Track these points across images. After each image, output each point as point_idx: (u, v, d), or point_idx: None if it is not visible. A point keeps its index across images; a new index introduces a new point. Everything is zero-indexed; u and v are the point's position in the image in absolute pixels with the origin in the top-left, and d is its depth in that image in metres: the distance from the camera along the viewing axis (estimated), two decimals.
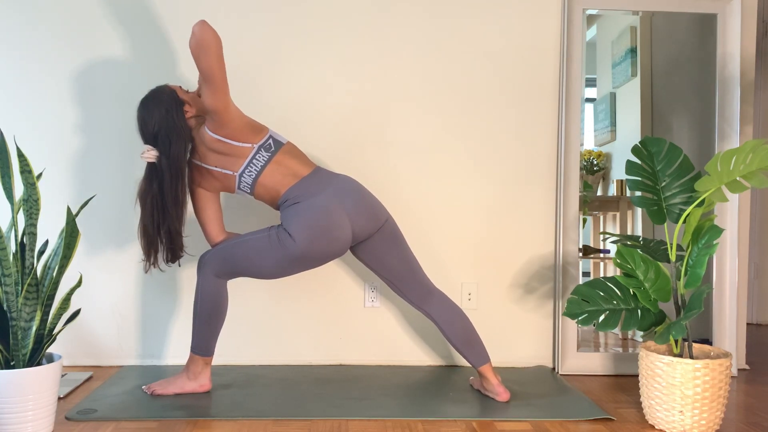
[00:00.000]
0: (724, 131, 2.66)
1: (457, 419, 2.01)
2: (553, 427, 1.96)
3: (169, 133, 2.08)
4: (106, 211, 2.58)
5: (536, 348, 2.71)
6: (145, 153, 2.09)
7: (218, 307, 2.19)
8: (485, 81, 2.67)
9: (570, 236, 2.64)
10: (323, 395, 2.23)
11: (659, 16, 2.82)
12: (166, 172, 2.08)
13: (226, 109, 2.06)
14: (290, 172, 2.15)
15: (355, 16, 2.62)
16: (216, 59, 1.98)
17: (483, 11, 2.65)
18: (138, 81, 2.54)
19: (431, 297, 2.27)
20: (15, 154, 2.49)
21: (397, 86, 2.65)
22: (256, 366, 2.61)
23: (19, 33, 2.54)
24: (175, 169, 2.09)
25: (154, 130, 2.09)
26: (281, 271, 2.16)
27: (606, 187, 2.90)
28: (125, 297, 2.61)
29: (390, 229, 2.24)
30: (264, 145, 2.14)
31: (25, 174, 1.85)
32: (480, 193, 2.68)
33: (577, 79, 2.64)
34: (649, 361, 1.98)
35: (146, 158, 2.09)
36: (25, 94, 2.56)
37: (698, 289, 1.96)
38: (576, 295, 2.14)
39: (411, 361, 2.69)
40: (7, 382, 1.72)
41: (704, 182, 1.96)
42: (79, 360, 2.60)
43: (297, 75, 2.61)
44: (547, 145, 2.69)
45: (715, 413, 1.91)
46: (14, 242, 1.84)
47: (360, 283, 2.68)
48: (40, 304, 1.83)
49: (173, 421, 1.95)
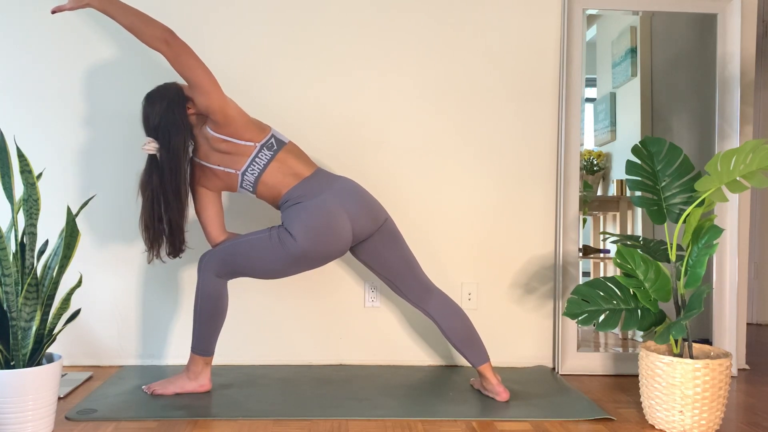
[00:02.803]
0: (724, 131, 2.66)
1: (457, 419, 2.01)
2: (553, 427, 1.96)
3: (169, 126, 2.10)
4: (106, 211, 2.59)
5: (536, 348, 2.71)
6: (146, 145, 2.11)
7: (218, 307, 2.19)
8: (485, 81, 2.67)
9: (570, 236, 2.64)
10: (323, 395, 2.23)
11: (659, 16, 2.82)
12: (165, 164, 2.10)
13: (223, 107, 2.08)
14: (292, 172, 2.16)
15: (355, 17, 2.62)
16: (197, 62, 2.04)
17: (483, 11, 2.65)
18: (138, 80, 2.54)
19: (431, 296, 2.27)
20: (15, 154, 2.49)
21: (396, 86, 2.65)
22: (256, 366, 2.61)
23: (19, 33, 2.54)
24: (175, 162, 2.10)
25: (155, 122, 2.11)
26: (282, 271, 2.16)
27: (606, 187, 2.90)
28: (125, 297, 2.61)
29: (389, 228, 2.25)
30: (266, 143, 2.15)
31: (25, 174, 1.85)
32: (480, 193, 2.68)
33: (577, 79, 2.64)
34: (649, 361, 1.98)
35: (147, 150, 2.10)
36: (25, 94, 2.56)
37: (698, 289, 1.96)
38: (576, 295, 2.14)
39: (411, 361, 2.69)
40: (7, 382, 1.72)
41: (704, 182, 1.96)
42: (79, 360, 2.60)
43: (296, 75, 2.61)
44: (547, 145, 2.69)
45: (715, 413, 1.91)
46: (14, 242, 1.84)
47: (360, 283, 2.68)
48: (40, 304, 1.83)
49: (173, 421, 1.95)
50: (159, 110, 2.11)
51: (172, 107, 2.11)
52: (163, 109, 2.10)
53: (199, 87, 2.05)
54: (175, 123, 2.10)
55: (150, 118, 2.12)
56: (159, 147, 2.10)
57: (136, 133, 2.55)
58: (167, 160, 2.10)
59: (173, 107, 2.11)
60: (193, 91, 2.08)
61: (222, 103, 2.08)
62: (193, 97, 2.09)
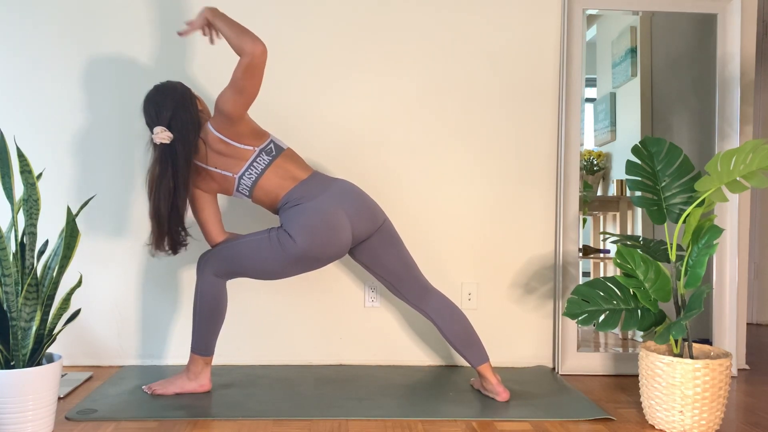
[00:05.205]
0: (724, 131, 2.66)
1: (457, 419, 2.01)
2: (553, 427, 1.97)
3: (184, 116, 2.09)
4: (106, 211, 2.58)
5: (536, 348, 2.71)
6: (159, 134, 2.07)
7: (218, 307, 2.20)
8: (485, 81, 2.67)
9: (570, 236, 2.64)
10: (323, 395, 2.23)
11: (659, 16, 2.82)
12: (180, 153, 2.08)
13: (241, 116, 2.09)
14: (289, 176, 2.16)
15: (354, 17, 2.62)
16: (259, 81, 2.03)
17: (483, 11, 2.65)
18: (139, 81, 2.54)
19: (429, 296, 2.27)
20: (15, 154, 2.49)
21: (396, 86, 2.64)
22: (256, 366, 2.61)
23: (19, 33, 2.54)
24: (188, 151, 2.09)
25: (168, 113, 2.09)
26: (281, 272, 2.16)
27: (606, 187, 2.90)
28: (125, 297, 2.61)
29: (387, 229, 2.25)
30: (265, 148, 2.15)
31: (25, 174, 1.85)
32: (480, 193, 2.68)
33: (577, 79, 2.64)
34: (649, 361, 1.98)
35: (160, 139, 2.07)
36: (25, 94, 2.56)
37: (698, 289, 1.96)
38: (576, 295, 2.14)
39: (411, 361, 2.69)
40: (7, 382, 1.72)
41: (704, 182, 1.96)
42: (79, 360, 2.60)
43: (296, 76, 2.61)
44: (547, 145, 2.69)
45: (715, 413, 1.91)
46: (14, 242, 1.84)
47: (360, 283, 2.68)
48: (40, 304, 1.83)
49: (173, 421, 1.95)
50: (172, 102, 2.10)
51: (186, 101, 2.12)
52: (178, 100, 2.11)
53: (245, 95, 2.03)
54: (190, 113, 2.11)
55: (162, 108, 2.10)
56: (172, 136, 2.08)
57: (137, 133, 2.56)
58: (182, 147, 2.08)
59: (187, 101, 2.12)
60: (232, 91, 2.03)
61: (242, 115, 2.09)
62: (228, 94, 2.04)
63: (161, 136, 2.07)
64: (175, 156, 2.08)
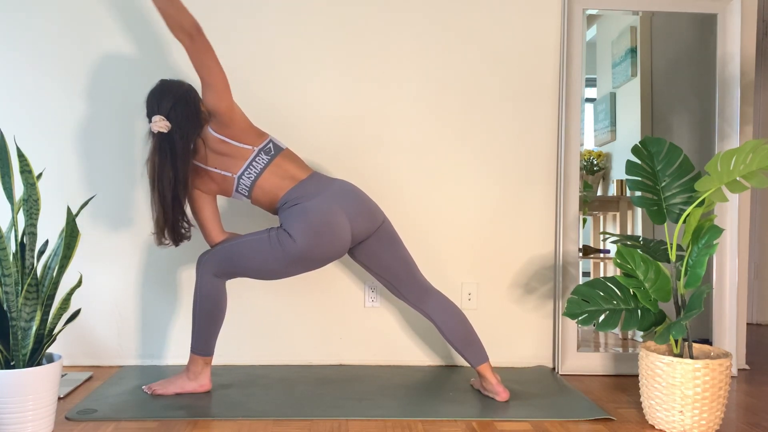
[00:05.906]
0: (724, 131, 2.66)
1: (457, 419, 2.01)
2: (553, 427, 1.97)
3: (185, 109, 2.10)
4: (106, 211, 2.58)
5: (536, 348, 2.71)
6: (157, 122, 2.07)
7: (217, 306, 2.20)
8: (485, 81, 2.67)
9: (570, 236, 2.64)
10: (323, 395, 2.23)
11: (659, 16, 2.82)
12: (178, 143, 2.08)
13: (230, 109, 2.10)
14: (288, 176, 2.16)
15: (354, 17, 2.62)
16: (215, 63, 2.05)
17: (483, 11, 2.65)
18: (138, 81, 2.54)
19: (429, 296, 2.27)
20: (15, 154, 2.49)
21: (396, 86, 2.64)
22: (256, 366, 2.61)
23: (19, 32, 2.54)
24: (186, 143, 2.10)
25: (168, 104, 2.09)
26: (280, 272, 2.16)
27: (606, 187, 2.90)
28: (125, 297, 2.61)
29: (387, 229, 2.25)
30: (264, 148, 2.15)
31: (25, 174, 1.85)
32: (480, 193, 2.68)
33: (577, 79, 2.64)
34: (649, 361, 1.98)
35: (158, 127, 2.07)
36: (24, 94, 2.56)
37: (698, 289, 1.96)
38: (576, 295, 2.14)
39: (411, 361, 2.69)
40: (7, 382, 1.72)
41: (704, 182, 1.96)
42: (79, 360, 2.60)
43: (295, 76, 2.61)
44: (547, 145, 2.69)
45: (715, 413, 1.91)
46: (14, 242, 1.84)
47: (360, 283, 2.68)
48: (40, 304, 1.83)
49: (173, 421, 1.95)
50: (173, 96, 2.11)
51: (189, 97, 2.13)
52: (179, 95, 2.12)
53: (213, 86, 2.06)
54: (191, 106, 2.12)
55: (163, 99, 2.11)
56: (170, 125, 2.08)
57: (137, 133, 2.56)
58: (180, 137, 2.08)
59: (190, 98, 2.14)
60: (205, 90, 2.08)
61: (230, 105, 2.10)
62: (205, 95, 2.09)
63: (159, 125, 2.08)
64: (173, 145, 2.09)
